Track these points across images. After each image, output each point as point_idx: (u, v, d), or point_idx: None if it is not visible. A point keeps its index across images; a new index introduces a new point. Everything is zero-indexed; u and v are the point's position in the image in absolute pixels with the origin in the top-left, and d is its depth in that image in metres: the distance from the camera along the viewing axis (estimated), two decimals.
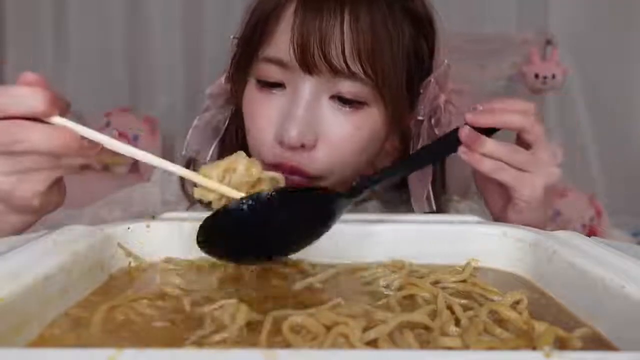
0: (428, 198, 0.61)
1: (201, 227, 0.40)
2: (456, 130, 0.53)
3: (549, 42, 1.56)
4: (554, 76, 1.51)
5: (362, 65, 0.54)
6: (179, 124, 1.70)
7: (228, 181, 0.41)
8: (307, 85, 0.55)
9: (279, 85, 0.57)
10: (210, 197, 0.41)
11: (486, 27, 1.65)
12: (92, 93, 1.75)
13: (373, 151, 0.61)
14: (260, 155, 0.58)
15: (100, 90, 1.75)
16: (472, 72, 1.51)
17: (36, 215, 0.46)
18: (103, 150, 0.41)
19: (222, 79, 0.65)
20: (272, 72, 0.57)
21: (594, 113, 1.63)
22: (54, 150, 0.40)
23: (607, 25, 1.62)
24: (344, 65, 0.54)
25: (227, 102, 0.66)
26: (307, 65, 0.54)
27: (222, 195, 0.41)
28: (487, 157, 0.52)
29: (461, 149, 0.52)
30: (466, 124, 0.53)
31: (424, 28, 0.61)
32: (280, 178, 0.44)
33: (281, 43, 0.55)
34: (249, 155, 0.46)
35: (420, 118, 0.61)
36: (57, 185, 0.45)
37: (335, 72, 0.54)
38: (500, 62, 1.56)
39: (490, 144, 0.51)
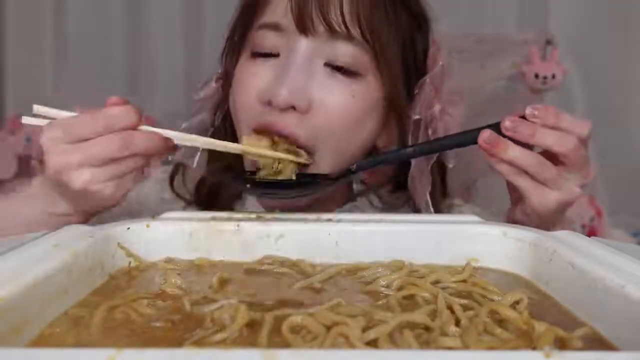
0: (427, 204, 0.60)
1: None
2: (477, 130, 0.50)
3: (549, 42, 1.55)
4: (554, 76, 1.51)
5: (360, 28, 0.54)
6: (179, 124, 1.69)
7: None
8: (302, 47, 0.54)
9: (273, 55, 0.56)
10: (263, 161, 0.53)
11: (486, 27, 1.65)
12: (92, 93, 1.74)
13: (368, 130, 0.59)
14: (245, 118, 0.57)
15: (100, 91, 1.75)
16: (472, 72, 1.50)
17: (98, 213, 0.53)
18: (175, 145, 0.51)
19: (213, 81, 0.65)
20: (268, 39, 0.56)
21: (594, 113, 1.63)
22: (151, 150, 0.48)
23: (607, 25, 1.62)
24: (342, 25, 0.53)
25: (218, 104, 0.65)
26: (304, 26, 0.53)
27: (274, 159, 0.52)
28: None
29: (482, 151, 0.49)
30: (495, 126, 0.49)
31: (418, 22, 0.61)
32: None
33: (277, 7, 0.55)
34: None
35: (416, 117, 0.60)
36: None
37: (332, 32, 0.53)
38: (500, 62, 1.56)
39: (513, 151, 0.48)
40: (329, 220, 0.49)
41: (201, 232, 0.47)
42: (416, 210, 0.62)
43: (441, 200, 0.66)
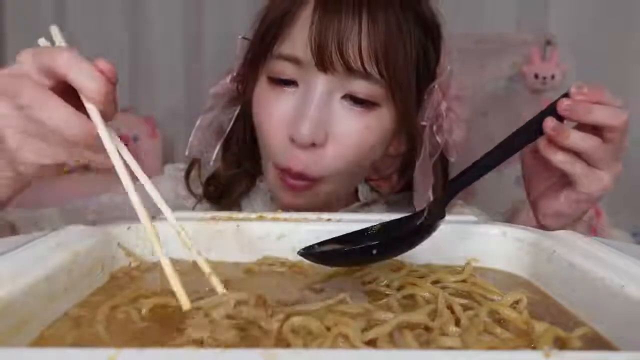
0: (428, 201, 0.60)
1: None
2: (535, 120, 0.48)
3: (549, 42, 1.55)
4: (553, 76, 1.51)
5: (377, 66, 0.54)
6: (179, 125, 1.70)
7: None
8: (320, 83, 0.55)
9: (291, 82, 0.57)
10: None
11: (486, 27, 1.65)
12: None
13: (379, 153, 0.61)
14: (272, 158, 0.59)
15: None
16: (472, 72, 1.50)
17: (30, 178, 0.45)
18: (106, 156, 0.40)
19: (227, 79, 0.66)
20: (286, 70, 0.57)
21: None
22: (66, 136, 0.39)
23: (607, 25, 1.62)
24: (360, 64, 0.54)
25: (231, 102, 0.66)
26: (323, 64, 0.54)
27: None
28: (563, 148, 0.48)
29: (543, 142, 0.49)
30: (550, 109, 0.47)
31: (431, 33, 0.61)
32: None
33: (297, 41, 0.55)
34: (258, 152, 0.57)
35: (423, 123, 0.61)
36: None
37: (350, 71, 0.54)
38: (500, 62, 1.56)
39: (575, 136, 0.47)
40: (329, 220, 0.49)
41: (201, 232, 0.47)
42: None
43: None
